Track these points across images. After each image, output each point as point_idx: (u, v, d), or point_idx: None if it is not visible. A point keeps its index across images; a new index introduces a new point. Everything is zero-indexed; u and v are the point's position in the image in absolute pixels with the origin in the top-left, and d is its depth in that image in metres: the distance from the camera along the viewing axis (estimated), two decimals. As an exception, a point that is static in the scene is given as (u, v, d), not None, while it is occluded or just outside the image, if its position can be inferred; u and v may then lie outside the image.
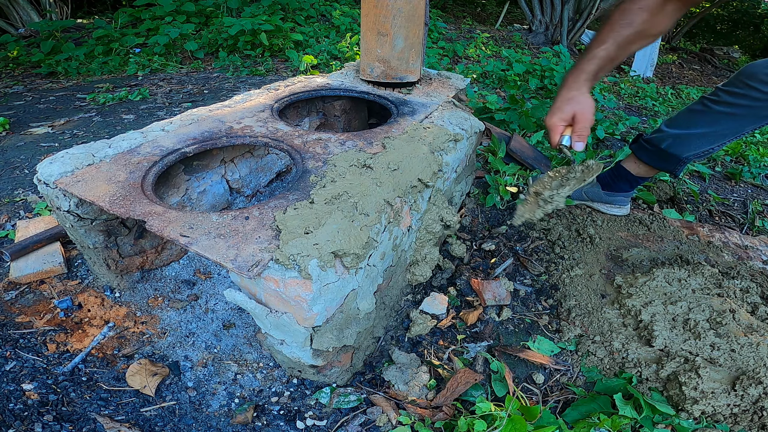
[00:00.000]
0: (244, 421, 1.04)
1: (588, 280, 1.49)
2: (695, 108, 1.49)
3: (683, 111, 1.55)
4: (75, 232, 1.18)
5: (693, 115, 1.49)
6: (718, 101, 1.42)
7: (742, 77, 1.34)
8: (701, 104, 1.46)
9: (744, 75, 1.33)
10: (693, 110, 1.49)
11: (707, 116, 1.45)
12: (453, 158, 1.40)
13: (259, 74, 3.74)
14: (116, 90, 3.21)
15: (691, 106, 1.52)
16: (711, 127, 1.46)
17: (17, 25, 4.77)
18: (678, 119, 1.55)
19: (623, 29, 1.12)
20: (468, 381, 1.14)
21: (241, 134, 1.31)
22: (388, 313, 1.30)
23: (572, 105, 1.16)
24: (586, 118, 1.16)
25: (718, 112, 1.42)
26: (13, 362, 1.10)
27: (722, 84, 1.42)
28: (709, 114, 1.44)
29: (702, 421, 1.06)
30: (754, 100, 1.33)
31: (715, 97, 1.42)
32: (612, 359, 1.23)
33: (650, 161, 1.64)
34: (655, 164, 1.64)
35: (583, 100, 1.16)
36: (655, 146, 1.59)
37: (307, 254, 0.84)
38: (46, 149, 2.19)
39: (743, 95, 1.35)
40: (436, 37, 5.26)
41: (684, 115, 1.53)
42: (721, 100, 1.41)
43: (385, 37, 1.60)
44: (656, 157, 1.61)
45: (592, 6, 5.97)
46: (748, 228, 1.98)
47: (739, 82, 1.35)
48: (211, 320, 1.29)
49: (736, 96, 1.36)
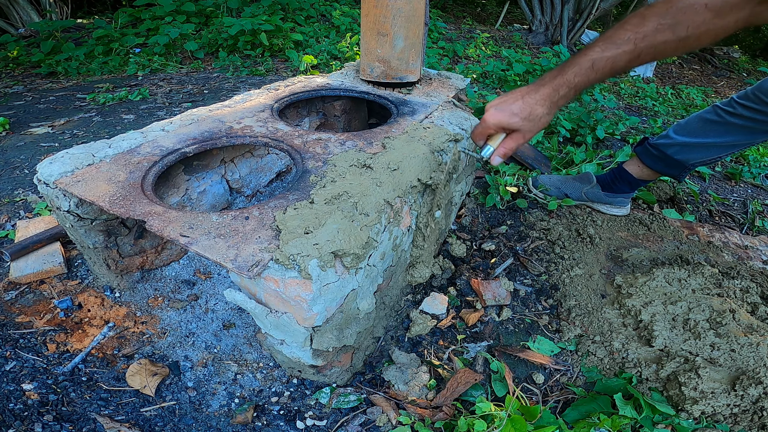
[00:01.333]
0: (244, 421, 1.04)
1: (588, 280, 1.49)
2: (708, 117, 1.47)
3: (693, 119, 1.53)
4: (75, 232, 1.18)
5: (705, 124, 1.48)
6: (733, 113, 1.40)
7: (760, 93, 1.33)
8: (715, 114, 1.45)
9: (761, 90, 1.32)
10: (705, 119, 1.48)
11: (720, 126, 1.44)
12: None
13: (259, 74, 3.74)
14: (116, 90, 3.21)
15: (703, 115, 1.49)
16: (723, 138, 1.45)
17: (17, 25, 4.77)
18: (688, 127, 1.53)
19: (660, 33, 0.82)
20: (468, 381, 1.14)
21: (241, 134, 1.31)
22: (388, 313, 1.30)
23: (516, 108, 0.96)
24: (518, 138, 0.96)
25: (731, 124, 1.41)
26: (13, 362, 1.10)
27: (738, 96, 1.41)
28: (723, 125, 1.43)
29: (702, 421, 1.06)
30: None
31: (730, 109, 1.41)
32: (612, 359, 1.23)
33: (654, 166, 1.63)
34: (660, 169, 1.63)
35: (534, 108, 0.95)
36: (661, 152, 1.58)
37: (307, 254, 0.84)
38: (46, 149, 2.19)
39: (759, 111, 1.34)
40: (436, 37, 5.25)
41: (695, 124, 1.51)
42: (737, 113, 1.39)
43: (385, 37, 1.60)
44: (661, 162, 1.60)
45: (592, 6, 5.97)
46: (748, 228, 1.98)
47: (755, 97, 1.34)
48: (211, 320, 1.29)
49: (753, 111, 1.36)
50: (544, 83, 0.94)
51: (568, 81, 0.91)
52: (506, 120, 0.96)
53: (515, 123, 0.96)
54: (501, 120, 0.96)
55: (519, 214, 1.84)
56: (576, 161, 2.30)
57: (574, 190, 1.86)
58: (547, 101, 0.94)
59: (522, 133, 0.97)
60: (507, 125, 0.97)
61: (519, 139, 0.97)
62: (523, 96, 0.96)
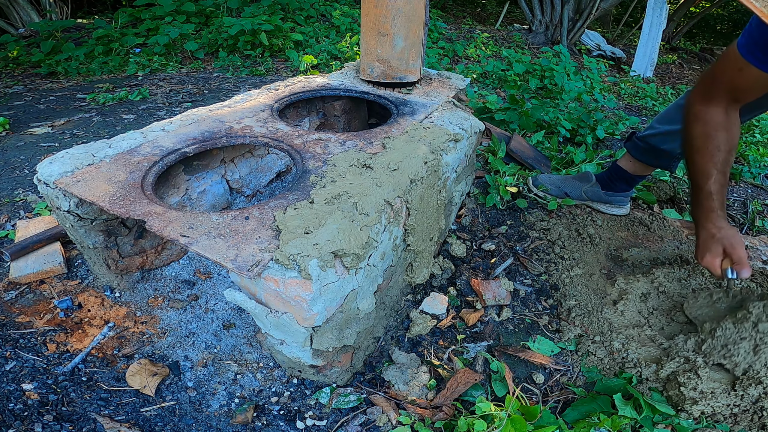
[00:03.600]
0: (244, 421, 1.04)
1: (588, 280, 1.49)
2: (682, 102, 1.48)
3: (672, 106, 1.55)
4: (75, 232, 1.18)
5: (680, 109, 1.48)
6: None
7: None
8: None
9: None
10: (680, 105, 1.48)
11: None
12: (453, 158, 1.40)
13: (259, 74, 3.74)
14: (116, 90, 3.21)
15: (679, 101, 1.51)
16: None
17: (17, 25, 4.76)
18: (668, 115, 1.54)
19: (717, 155, 1.15)
20: (468, 381, 1.14)
21: (241, 134, 1.31)
22: (388, 313, 1.30)
23: (719, 242, 1.17)
24: (738, 248, 1.17)
25: None
26: (13, 362, 1.10)
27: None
28: None
29: (702, 421, 1.06)
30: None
31: None
32: (612, 359, 1.23)
33: (643, 158, 1.64)
34: (648, 161, 1.64)
35: (726, 234, 1.18)
36: (648, 143, 1.59)
37: (307, 254, 0.84)
38: (46, 149, 2.19)
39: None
40: (436, 37, 5.25)
41: (674, 111, 1.52)
42: None
43: (385, 37, 1.60)
44: (649, 154, 1.61)
45: (592, 6, 5.97)
46: (748, 228, 1.98)
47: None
48: (211, 320, 1.29)
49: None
50: (708, 218, 1.21)
51: (718, 207, 1.20)
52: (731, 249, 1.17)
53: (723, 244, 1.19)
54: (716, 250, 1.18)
55: (519, 214, 1.84)
56: (576, 161, 2.30)
57: (574, 188, 1.86)
58: (720, 220, 1.20)
59: (736, 246, 1.17)
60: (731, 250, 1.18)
61: (739, 249, 1.18)
62: (715, 232, 1.19)
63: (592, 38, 6.93)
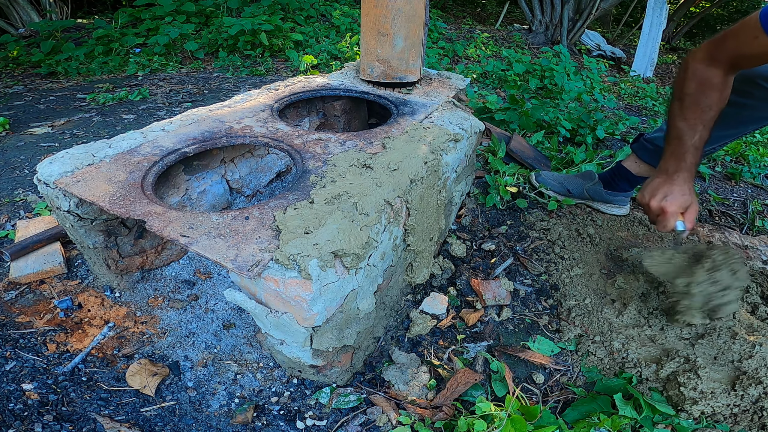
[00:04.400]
0: (244, 421, 1.04)
1: (588, 280, 1.49)
2: None
3: None
4: (75, 232, 1.18)
5: None
6: None
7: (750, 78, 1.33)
8: None
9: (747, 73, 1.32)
10: None
11: None
12: (453, 158, 1.40)
13: (259, 74, 3.74)
14: (116, 90, 3.21)
15: None
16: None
17: (17, 25, 4.77)
18: None
19: (707, 112, 1.17)
20: (468, 381, 1.14)
21: (241, 134, 1.31)
22: (388, 313, 1.30)
23: (683, 198, 1.21)
24: (694, 212, 1.22)
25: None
26: (13, 362, 1.10)
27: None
28: None
29: (702, 421, 1.06)
30: (758, 100, 1.33)
31: None
32: (612, 359, 1.23)
33: (651, 160, 1.64)
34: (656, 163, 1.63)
35: (694, 198, 1.22)
36: (656, 146, 1.58)
37: (307, 254, 0.84)
38: (46, 149, 2.19)
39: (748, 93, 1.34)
40: (436, 37, 5.26)
41: None
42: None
43: (385, 37, 1.60)
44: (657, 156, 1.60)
45: (592, 6, 5.97)
46: (748, 228, 1.98)
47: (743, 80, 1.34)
48: (211, 320, 1.29)
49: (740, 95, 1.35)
50: (679, 169, 1.21)
51: (691, 165, 1.21)
52: (685, 202, 1.21)
53: (689, 200, 1.22)
54: (681, 203, 1.20)
55: (519, 214, 1.84)
56: (576, 161, 2.30)
57: (576, 186, 1.86)
58: (689, 179, 1.23)
59: (695, 205, 1.22)
60: (685, 205, 1.22)
61: (695, 209, 1.23)
62: (671, 182, 1.22)
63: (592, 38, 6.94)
